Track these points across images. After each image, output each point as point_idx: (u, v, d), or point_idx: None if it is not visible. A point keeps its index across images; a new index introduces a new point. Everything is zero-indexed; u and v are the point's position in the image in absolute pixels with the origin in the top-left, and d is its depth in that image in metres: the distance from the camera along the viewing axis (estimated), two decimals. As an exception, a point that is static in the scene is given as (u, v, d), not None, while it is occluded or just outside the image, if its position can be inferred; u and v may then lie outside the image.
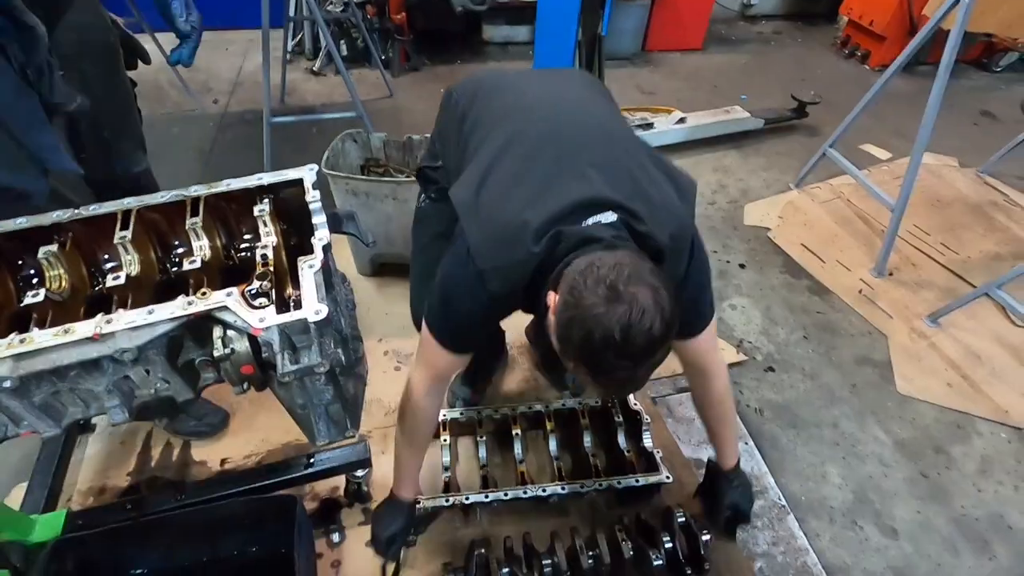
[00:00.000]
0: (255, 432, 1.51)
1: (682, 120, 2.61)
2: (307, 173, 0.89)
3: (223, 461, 1.45)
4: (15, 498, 1.33)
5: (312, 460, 1.25)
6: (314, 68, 3.28)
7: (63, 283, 0.78)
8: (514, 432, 1.44)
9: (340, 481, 1.38)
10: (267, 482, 1.24)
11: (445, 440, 1.42)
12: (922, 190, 2.46)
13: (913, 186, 1.96)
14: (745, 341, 1.85)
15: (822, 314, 1.96)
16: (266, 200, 0.87)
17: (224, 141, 2.60)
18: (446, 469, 1.37)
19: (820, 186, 2.54)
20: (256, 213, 0.85)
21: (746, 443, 1.56)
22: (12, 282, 0.80)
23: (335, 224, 0.90)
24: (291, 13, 2.89)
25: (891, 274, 2.11)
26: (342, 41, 3.22)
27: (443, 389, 1.06)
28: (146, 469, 1.43)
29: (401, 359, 1.73)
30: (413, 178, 1.74)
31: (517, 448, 1.41)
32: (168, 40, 1.45)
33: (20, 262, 0.81)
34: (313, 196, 0.86)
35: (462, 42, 3.49)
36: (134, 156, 1.25)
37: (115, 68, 1.16)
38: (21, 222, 0.81)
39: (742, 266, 2.14)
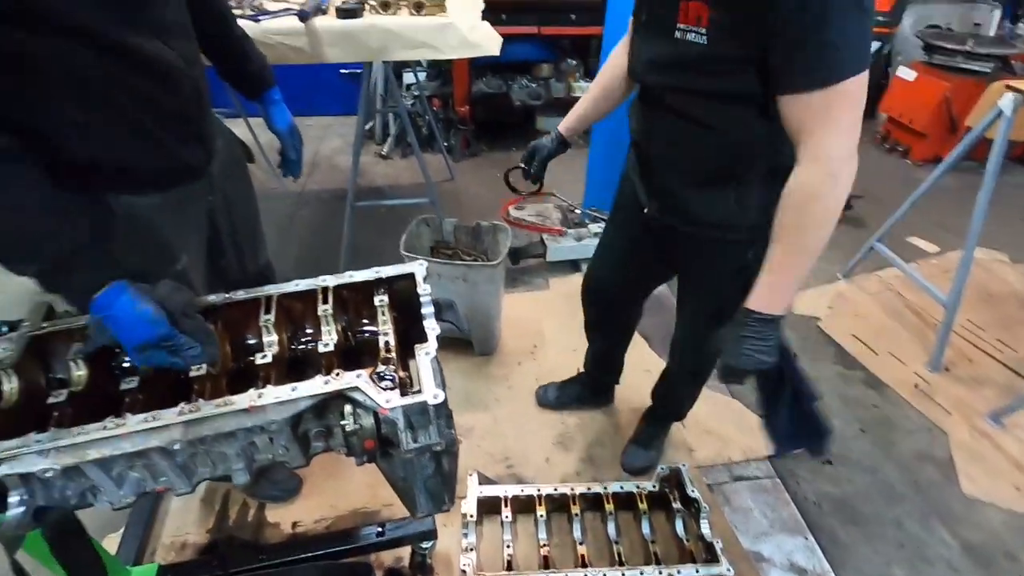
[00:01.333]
0: (324, 498, 1.59)
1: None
2: (418, 268, 1.02)
3: (295, 524, 1.53)
4: (107, 548, 1.42)
5: (384, 529, 1.31)
6: (383, 152, 3.59)
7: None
8: (573, 512, 1.47)
9: (404, 552, 1.43)
10: (341, 548, 1.31)
11: (507, 517, 1.47)
12: (974, 285, 2.48)
13: (966, 281, 2.00)
14: (800, 431, 1.87)
15: (878, 408, 1.96)
16: (384, 291, 1.01)
17: (302, 218, 2.86)
18: (508, 546, 1.41)
19: (869, 277, 2.59)
20: (376, 303, 0.97)
21: (806, 537, 1.55)
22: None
23: (436, 311, 1.02)
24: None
25: (947, 369, 2.10)
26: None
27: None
28: (224, 527, 1.51)
29: (462, 433, 1.81)
30: (482, 261, 1.91)
31: (576, 530, 1.44)
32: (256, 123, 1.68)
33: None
34: (424, 289, 0.98)
35: (518, 131, 3.78)
36: (261, 251, 1.44)
37: (248, 180, 1.35)
38: (242, 293, 0.95)
39: (794, 355, 2.17)
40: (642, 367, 2.02)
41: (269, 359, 0.88)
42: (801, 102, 0.83)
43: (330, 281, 0.99)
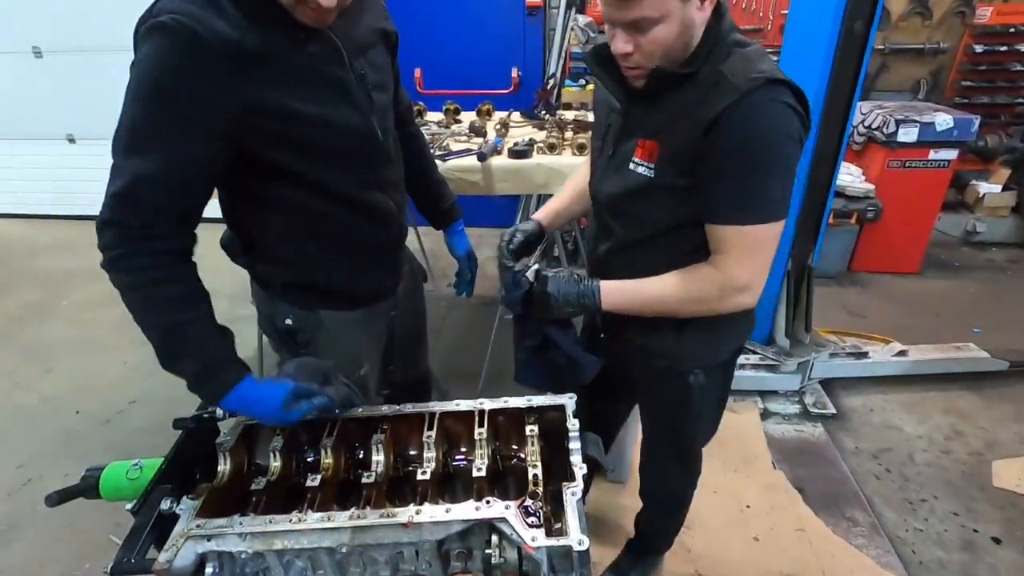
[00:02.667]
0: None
1: (902, 353, 2.45)
2: (568, 402, 1.06)
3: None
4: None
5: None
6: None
7: (380, 468, 1.00)
8: None
9: None
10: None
11: None
12: None
13: None
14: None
15: None
16: (534, 419, 1.05)
17: (453, 321, 3.10)
18: None
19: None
20: (527, 432, 1.02)
21: None
22: (345, 459, 1.05)
23: (583, 445, 1.03)
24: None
25: None
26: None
27: None
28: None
29: (587, 566, 1.71)
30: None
31: None
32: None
33: (356, 444, 1.06)
34: (573, 425, 1.01)
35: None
36: (423, 358, 1.60)
37: (422, 296, 1.51)
38: (360, 410, 1.07)
39: (996, 540, 1.78)
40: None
41: (428, 476, 0.95)
42: (722, 231, 0.95)
43: (487, 404, 1.06)
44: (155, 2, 0.87)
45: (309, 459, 1.06)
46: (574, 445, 0.99)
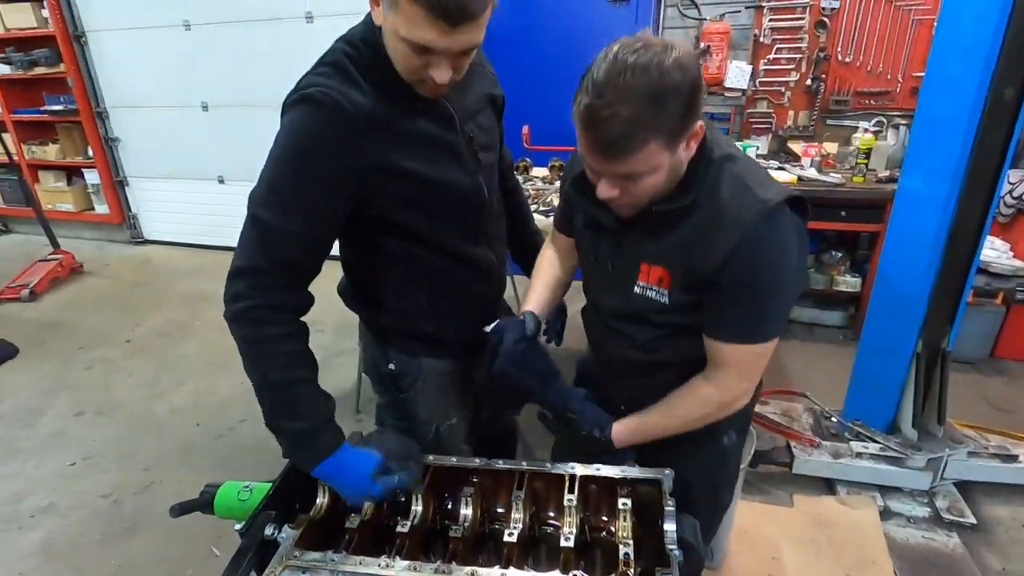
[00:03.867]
0: None
1: (1065, 461, 2.08)
2: (665, 477, 1.00)
3: None
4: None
5: None
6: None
7: (467, 522, 1.00)
8: None
9: None
10: None
11: None
12: None
13: None
14: None
15: None
16: (628, 493, 1.01)
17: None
18: None
19: None
20: (620, 505, 0.98)
21: None
22: (434, 508, 1.06)
23: (678, 527, 0.96)
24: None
25: None
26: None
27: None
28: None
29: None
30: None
31: None
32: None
33: (445, 493, 1.07)
34: (670, 504, 0.95)
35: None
36: (512, 413, 1.60)
37: None
38: (454, 460, 1.09)
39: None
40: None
41: (515, 538, 0.94)
42: (722, 347, 0.97)
43: (579, 470, 1.03)
44: (303, 78, 1.00)
45: (399, 502, 1.09)
46: (669, 526, 0.93)
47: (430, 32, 0.85)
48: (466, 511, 1.01)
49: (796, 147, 3.42)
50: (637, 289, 1.01)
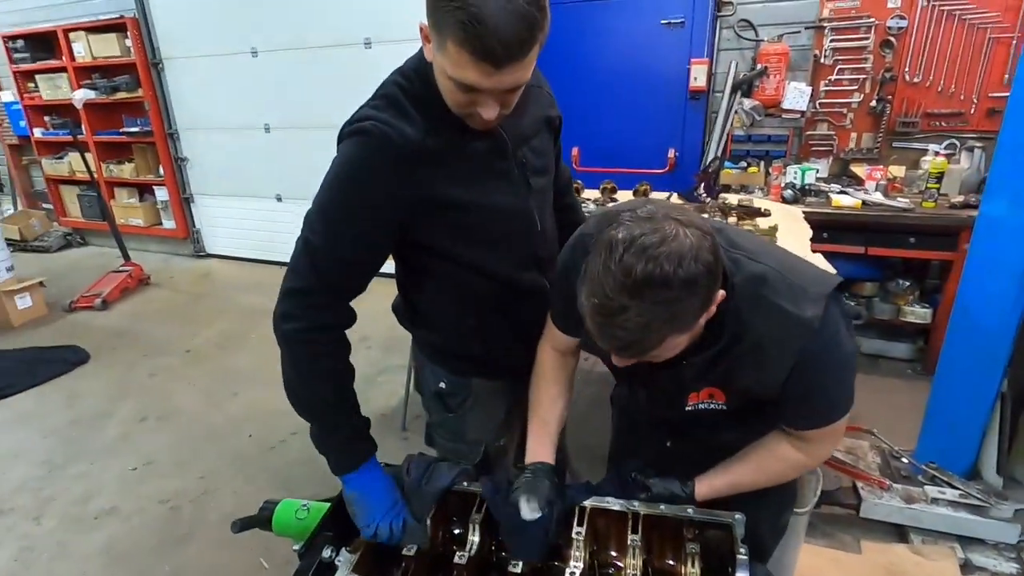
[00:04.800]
0: None
1: None
2: (736, 521, 0.95)
3: None
4: None
5: None
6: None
7: (473, 550, 0.97)
8: None
9: None
10: None
11: None
12: None
13: None
14: None
15: None
16: (695, 537, 0.96)
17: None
18: None
19: None
20: (688, 551, 0.93)
21: None
22: (491, 539, 1.03)
23: (750, 577, 0.90)
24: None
25: None
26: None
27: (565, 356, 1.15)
28: None
29: None
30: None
31: None
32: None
33: (453, 518, 1.05)
34: (742, 550, 0.90)
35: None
36: (562, 435, 1.57)
37: None
38: (466, 484, 1.06)
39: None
40: None
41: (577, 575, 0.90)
42: (800, 433, 0.96)
43: (641, 509, 0.99)
44: (359, 110, 1.02)
45: (456, 531, 1.07)
46: (741, 574, 0.88)
47: (474, 73, 0.85)
48: (473, 538, 0.98)
49: (859, 170, 3.28)
50: (688, 407, 1.00)
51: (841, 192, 3.06)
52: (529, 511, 0.95)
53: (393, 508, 1.03)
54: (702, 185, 2.66)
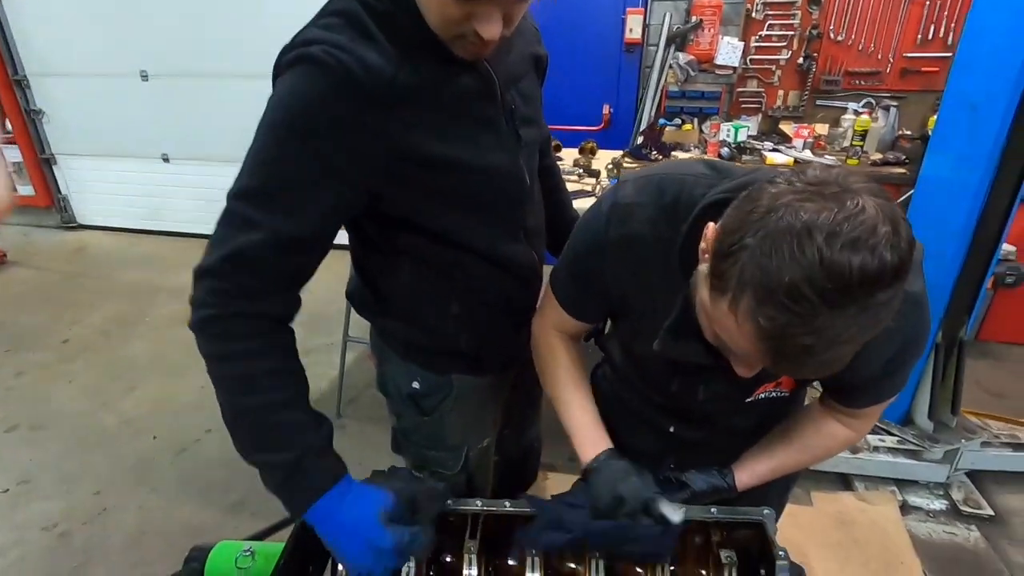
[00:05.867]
0: None
1: (1073, 448, 2.08)
2: (766, 519, 0.85)
3: None
4: None
5: None
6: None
7: None
8: None
9: None
10: None
11: None
12: None
13: None
14: None
15: None
16: (724, 540, 0.85)
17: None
18: None
19: None
20: (723, 559, 0.82)
21: None
22: (488, 568, 0.87)
23: (790, 580, 0.81)
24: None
25: None
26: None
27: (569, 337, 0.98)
28: None
29: None
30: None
31: None
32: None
33: (501, 546, 0.88)
34: (781, 554, 0.80)
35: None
36: (536, 425, 1.43)
37: None
38: (508, 505, 0.89)
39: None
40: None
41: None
42: (855, 411, 0.88)
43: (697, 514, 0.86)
44: (303, 30, 0.75)
45: (447, 560, 0.89)
46: (784, 583, 0.78)
47: None
48: (469, 572, 0.82)
49: (787, 128, 3.33)
50: (749, 399, 0.88)
51: (773, 150, 3.09)
52: (676, 513, 0.80)
53: (381, 520, 0.80)
54: (651, 143, 2.55)
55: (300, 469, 0.80)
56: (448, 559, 0.88)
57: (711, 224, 0.63)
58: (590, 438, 0.92)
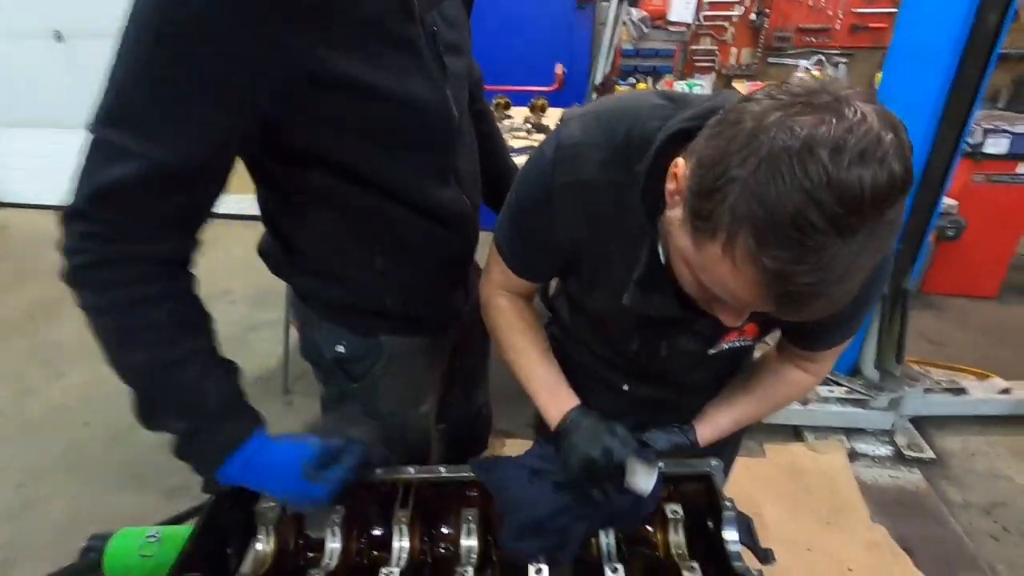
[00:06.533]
0: None
1: (1006, 391, 2.17)
2: (714, 470, 0.81)
3: None
4: None
5: None
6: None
7: (474, 556, 0.76)
8: None
9: None
10: None
11: None
12: None
13: None
14: None
15: None
16: (670, 495, 0.81)
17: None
18: None
19: None
20: (669, 514, 0.78)
21: None
22: (422, 537, 0.81)
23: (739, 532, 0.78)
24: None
25: None
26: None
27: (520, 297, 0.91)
28: None
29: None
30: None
31: None
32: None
33: (438, 515, 0.82)
34: (728, 504, 0.76)
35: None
36: (483, 391, 1.37)
37: None
38: (443, 471, 0.84)
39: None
40: None
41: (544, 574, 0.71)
42: (814, 354, 0.85)
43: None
44: None
45: (377, 533, 0.83)
46: (731, 535, 0.75)
47: None
48: (469, 542, 0.77)
49: (740, 86, 3.30)
50: (712, 351, 0.83)
51: (727, 108, 3.06)
52: (647, 478, 0.75)
53: (306, 474, 0.73)
54: (601, 99, 2.48)
55: (203, 430, 0.73)
56: (377, 532, 0.81)
57: (679, 160, 0.56)
58: (555, 398, 0.86)
